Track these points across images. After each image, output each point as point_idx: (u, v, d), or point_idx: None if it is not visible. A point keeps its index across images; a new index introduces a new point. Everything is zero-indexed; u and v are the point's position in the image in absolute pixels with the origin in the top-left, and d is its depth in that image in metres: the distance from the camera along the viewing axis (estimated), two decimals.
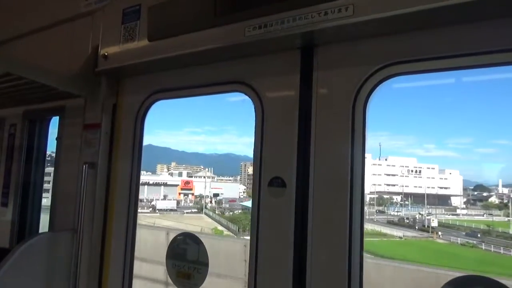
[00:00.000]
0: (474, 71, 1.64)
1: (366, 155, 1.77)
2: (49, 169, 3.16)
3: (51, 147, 3.09)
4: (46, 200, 3.21)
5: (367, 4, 1.58)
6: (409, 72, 1.73)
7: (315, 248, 1.81)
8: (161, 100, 2.54)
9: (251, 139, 2.05)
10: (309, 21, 1.71)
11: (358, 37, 1.78)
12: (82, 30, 2.69)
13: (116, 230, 2.51)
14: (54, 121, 3.16)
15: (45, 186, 3.24)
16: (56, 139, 2.91)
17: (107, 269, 2.52)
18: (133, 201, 2.50)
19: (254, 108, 2.06)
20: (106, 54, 2.46)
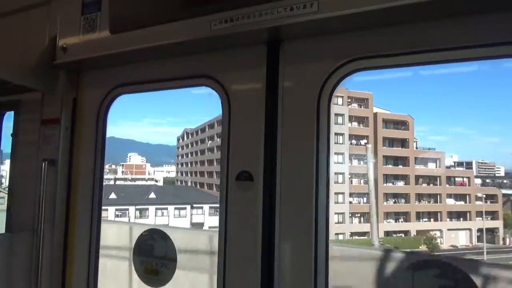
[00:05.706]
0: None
1: None
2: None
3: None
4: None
5: (331, 1, 1.62)
6: (372, 67, 1.79)
7: (283, 240, 1.84)
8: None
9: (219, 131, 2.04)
10: (276, 16, 1.72)
11: (323, 33, 1.82)
12: (38, 21, 2.54)
13: (79, 230, 2.42)
14: (9, 116, 2.98)
15: None
16: (11, 135, 2.76)
17: (71, 271, 2.42)
18: (96, 199, 2.42)
19: (221, 102, 2.05)
20: (65, 46, 2.35)
